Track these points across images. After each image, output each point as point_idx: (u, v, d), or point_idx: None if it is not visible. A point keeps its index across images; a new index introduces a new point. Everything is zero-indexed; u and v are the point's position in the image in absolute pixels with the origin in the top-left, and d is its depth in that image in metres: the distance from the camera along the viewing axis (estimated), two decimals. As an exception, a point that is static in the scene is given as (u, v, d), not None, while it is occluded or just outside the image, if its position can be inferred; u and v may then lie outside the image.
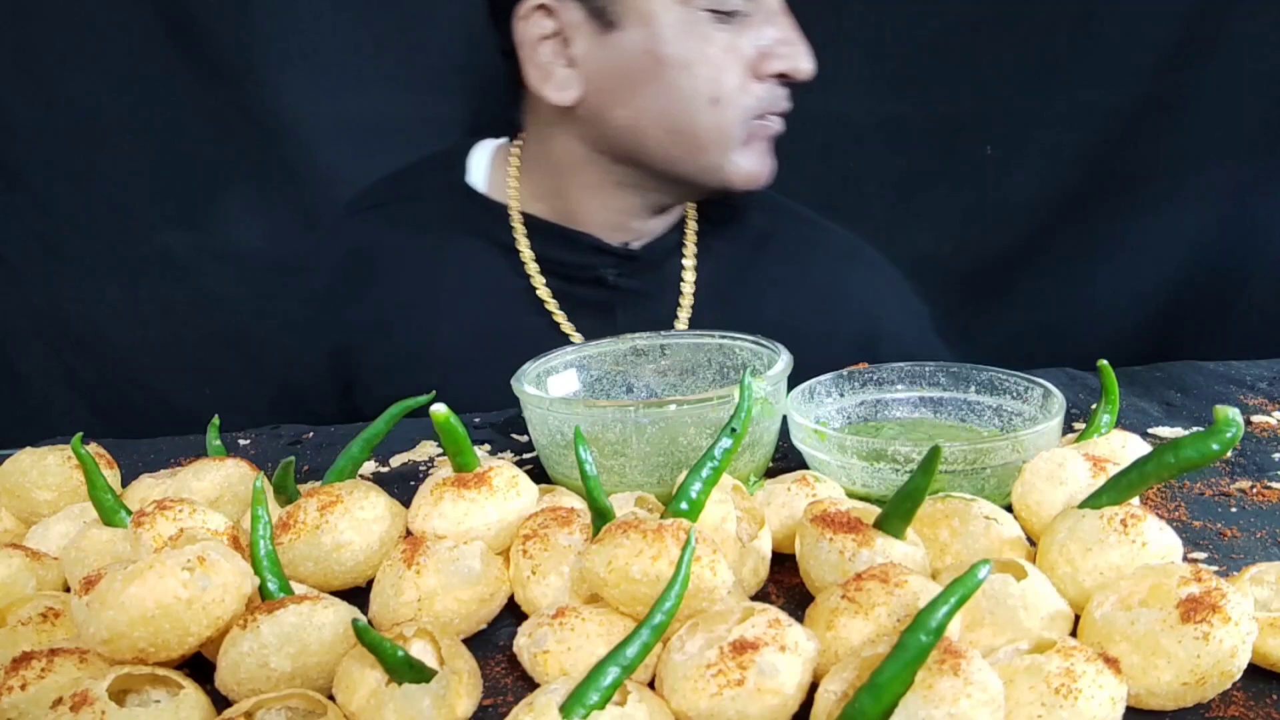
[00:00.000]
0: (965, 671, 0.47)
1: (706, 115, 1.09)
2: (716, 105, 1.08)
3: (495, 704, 0.56)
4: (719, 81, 1.08)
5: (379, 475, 0.90)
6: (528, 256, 1.19)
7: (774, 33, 1.09)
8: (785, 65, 1.09)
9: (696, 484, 0.62)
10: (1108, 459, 0.68)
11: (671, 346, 0.93)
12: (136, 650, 0.55)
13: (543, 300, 1.18)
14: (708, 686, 0.50)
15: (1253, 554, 0.66)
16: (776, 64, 1.09)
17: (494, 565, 0.64)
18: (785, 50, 1.09)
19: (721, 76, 1.08)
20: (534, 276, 1.19)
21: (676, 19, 1.06)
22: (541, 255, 1.19)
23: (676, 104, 1.09)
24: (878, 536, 0.60)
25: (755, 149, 1.13)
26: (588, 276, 1.19)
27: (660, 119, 1.11)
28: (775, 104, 1.12)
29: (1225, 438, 0.57)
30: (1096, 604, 0.55)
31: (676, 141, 1.12)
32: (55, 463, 0.80)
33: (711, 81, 1.08)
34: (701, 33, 1.07)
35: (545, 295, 1.19)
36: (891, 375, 0.88)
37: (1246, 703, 0.52)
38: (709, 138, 1.11)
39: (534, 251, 1.19)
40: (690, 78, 1.08)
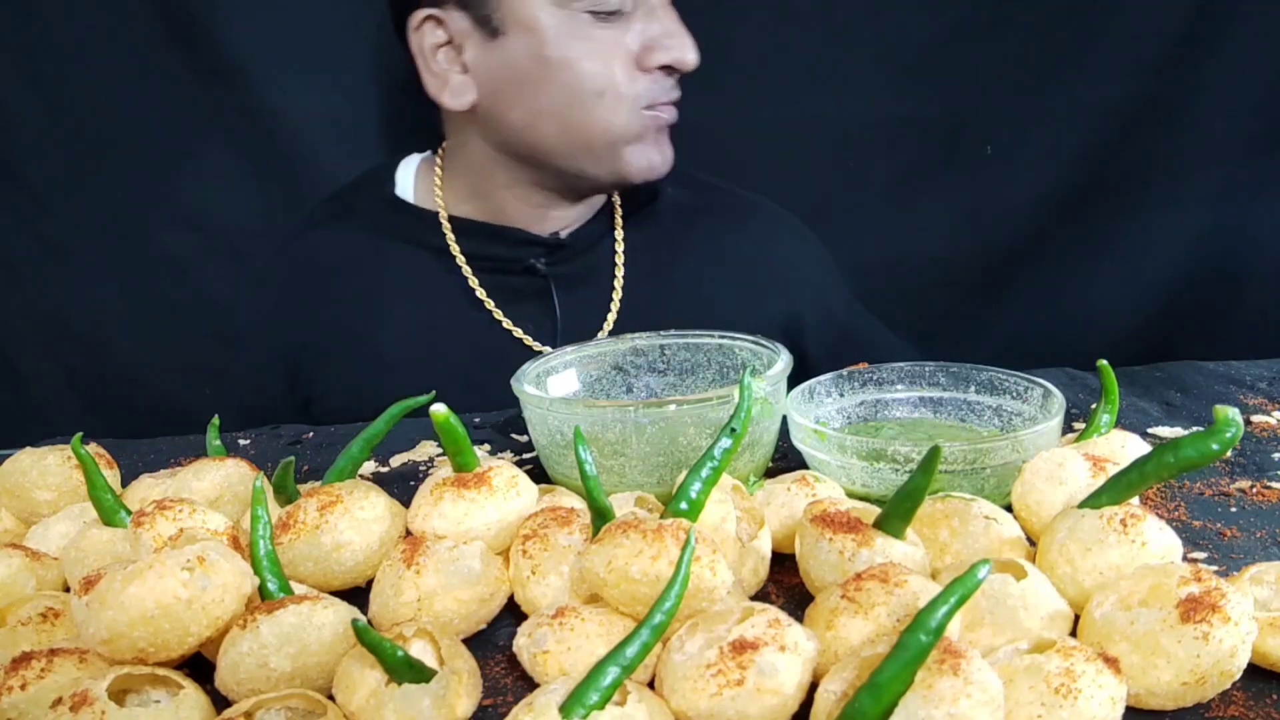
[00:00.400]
0: (965, 671, 0.47)
1: (595, 110, 1.13)
2: (603, 99, 1.13)
3: (495, 704, 0.56)
4: (604, 76, 1.12)
5: (379, 475, 0.90)
6: (461, 258, 1.23)
7: (657, 27, 1.13)
8: (669, 56, 1.13)
9: (696, 484, 0.62)
10: (1107, 459, 0.68)
11: (671, 346, 0.93)
12: (136, 650, 0.55)
13: (480, 298, 1.23)
14: (707, 686, 0.50)
15: (1252, 554, 0.66)
16: (661, 55, 1.13)
17: (494, 565, 0.64)
18: (669, 42, 1.13)
19: (606, 71, 1.12)
20: (469, 276, 1.23)
21: (558, 22, 1.11)
22: (472, 254, 1.24)
23: (566, 102, 1.13)
24: (877, 536, 0.60)
25: (649, 141, 1.17)
26: (520, 268, 1.22)
27: (553, 118, 1.15)
28: (664, 94, 1.16)
29: (1225, 438, 0.57)
30: (1096, 604, 0.55)
31: (570, 139, 1.16)
32: (55, 463, 0.80)
33: (597, 76, 1.12)
34: (583, 33, 1.11)
35: (481, 293, 1.23)
36: (891, 375, 0.88)
37: (1246, 702, 0.52)
38: (600, 131, 1.14)
39: (465, 252, 1.24)
40: (576, 75, 1.12)
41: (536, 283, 1.22)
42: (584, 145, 1.16)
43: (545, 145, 1.18)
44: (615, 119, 1.14)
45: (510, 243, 1.23)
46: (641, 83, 1.14)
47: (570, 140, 1.16)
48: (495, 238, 1.23)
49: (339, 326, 1.25)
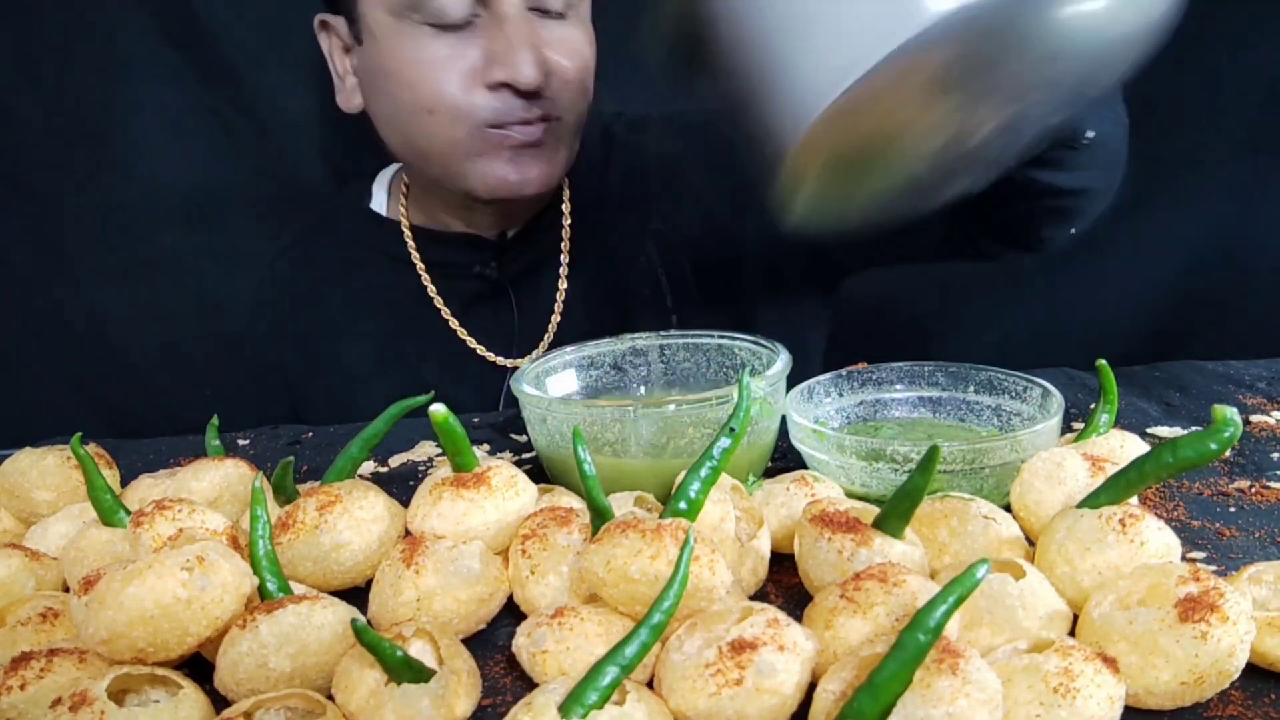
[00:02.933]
0: (963, 671, 0.47)
1: (425, 125, 1.09)
2: (434, 115, 1.08)
3: (494, 704, 0.56)
4: (434, 92, 1.07)
5: (378, 475, 0.90)
6: (421, 267, 1.25)
7: (501, 41, 1.06)
8: (504, 74, 1.06)
9: (695, 484, 0.62)
10: (1106, 459, 0.68)
11: (671, 346, 0.93)
12: (136, 650, 0.55)
13: (438, 306, 1.24)
14: (706, 686, 0.50)
15: (1251, 554, 0.66)
16: (497, 72, 1.06)
17: (493, 565, 0.64)
18: (506, 59, 1.05)
19: (437, 88, 1.06)
20: (428, 285, 1.24)
21: (394, 31, 1.07)
22: (431, 262, 1.25)
23: (399, 114, 1.11)
24: (876, 536, 0.60)
25: (497, 158, 1.11)
26: (471, 273, 1.22)
27: (392, 128, 1.14)
28: (511, 113, 1.08)
29: (1223, 437, 0.57)
30: (1095, 603, 0.55)
31: (411, 150, 1.14)
32: (55, 463, 0.80)
33: (427, 92, 1.07)
34: (418, 45, 1.06)
35: (439, 301, 1.24)
36: (890, 375, 0.88)
37: (1245, 702, 0.52)
38: (432, 147, 1.11)
39: (425, 260, 1.25)
40: (405, 88, 1.08)
41: (492, 285, 1.23)
42: (423, 158, 1.13)
43: (398, 155, 1.18)
44: (450, 133, 1.08)
45: (460, 247, 1.24)
46: (481, 99, 1.07)
47: (412, 151, 1.14)
48: (447, 244, 1.24)
49: (320, 339, 1.28)
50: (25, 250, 1.49)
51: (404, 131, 1.12)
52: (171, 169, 1.46)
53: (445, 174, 1.13)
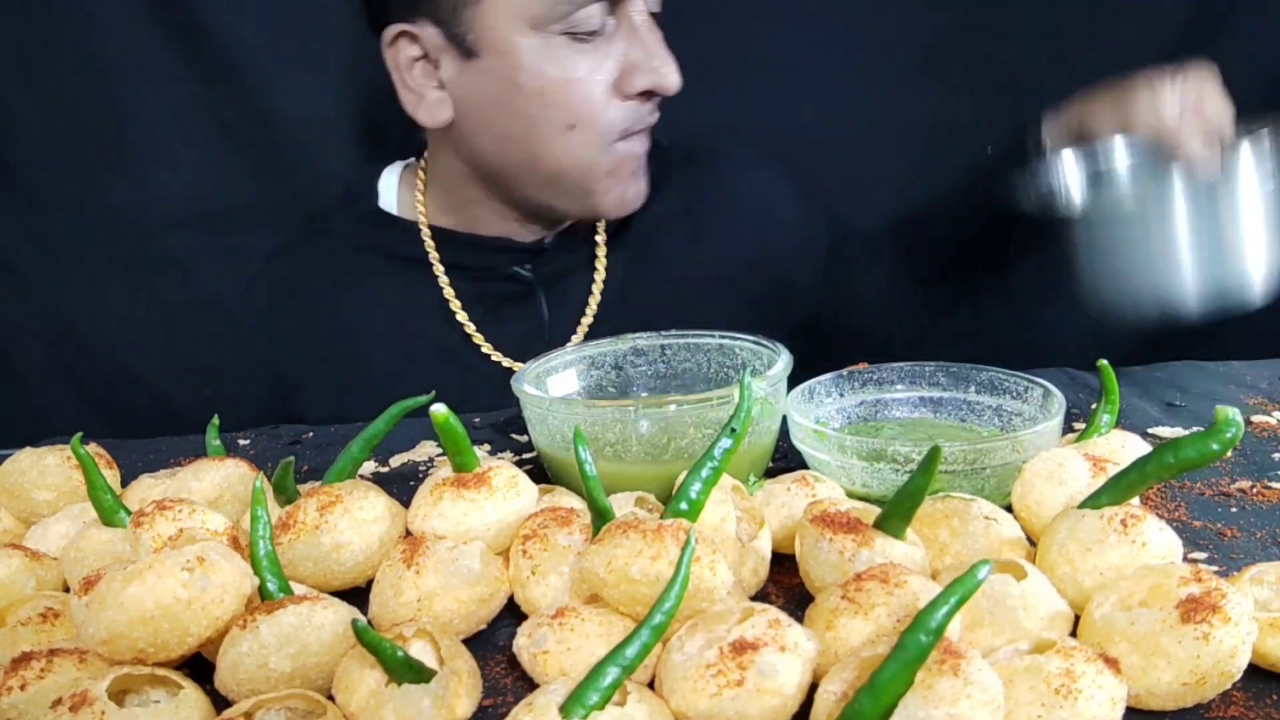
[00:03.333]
0: (965, 672, 0.47)
1: (564, 142, 1.07)
2: (574, 131, 1.06)
3: (495, 704, 0.56)
4: (577, 108, 1.05)
5: (379, 475, 0.90)
6: (439, 269, 1.21)
7: (639, 49, 1.05)
8: (650, 81, 1.05)
9: (696, 484, 0.62)
10: (1107, 459, 0.68)
11: (671, 347, 0.93)
12: (136, 650, 0.55)
13: (453, 309, 1.21)
14: (707, 687, 0.50)
15: (1253, 554, 0.66)
16: (641, 80, 1.05)
17: (493, 565, 0.64)
18: (651, 65, 1.05)
19: (580, 103, 1.05)
20: (445, 287, 1.21)
21: (532, 46, 1.03)
22: (453, 264, 1.21)
23: (535, 132, 1.07)
24: (877, 537, 0.60)
25: (623, 175, 1.11)
26: (502, 275, 1.20)
27: (521, 146, 1.09)
28: (640, 121, 1.09)
29: (1225, 438, 0.57)
30: (1096, 604, 0.55)
31: (538, 170, 1.10)
32: (55, 463, 0.80)
33: (568, 108, 1.05)
34: (559, 58, 1.04)
35: (455, 304, 1.21)
36: (891, 375, 0.88)
37: (1246, 703, 0.52)
38: (568, 165, 1.08)
39: (446, 262, 1.21)
40: (546, 105, 1.05)
41: (520, 288, 1.21)
42: (550, 179, 1.10)
43: (511, 174, 1.13)
44: (585, 154, 1.07)
45: (492, 251, 1.21)
46: (617, 111, 1.07)
47: (539, 171, 1.10)
48: (476, 247, 1.21)
49: (321, 344, 1.25)
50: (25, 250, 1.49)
51: (535, 151, 1.08)
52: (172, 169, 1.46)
53: (569, 195, 1.11)
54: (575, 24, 1.02)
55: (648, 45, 1.05)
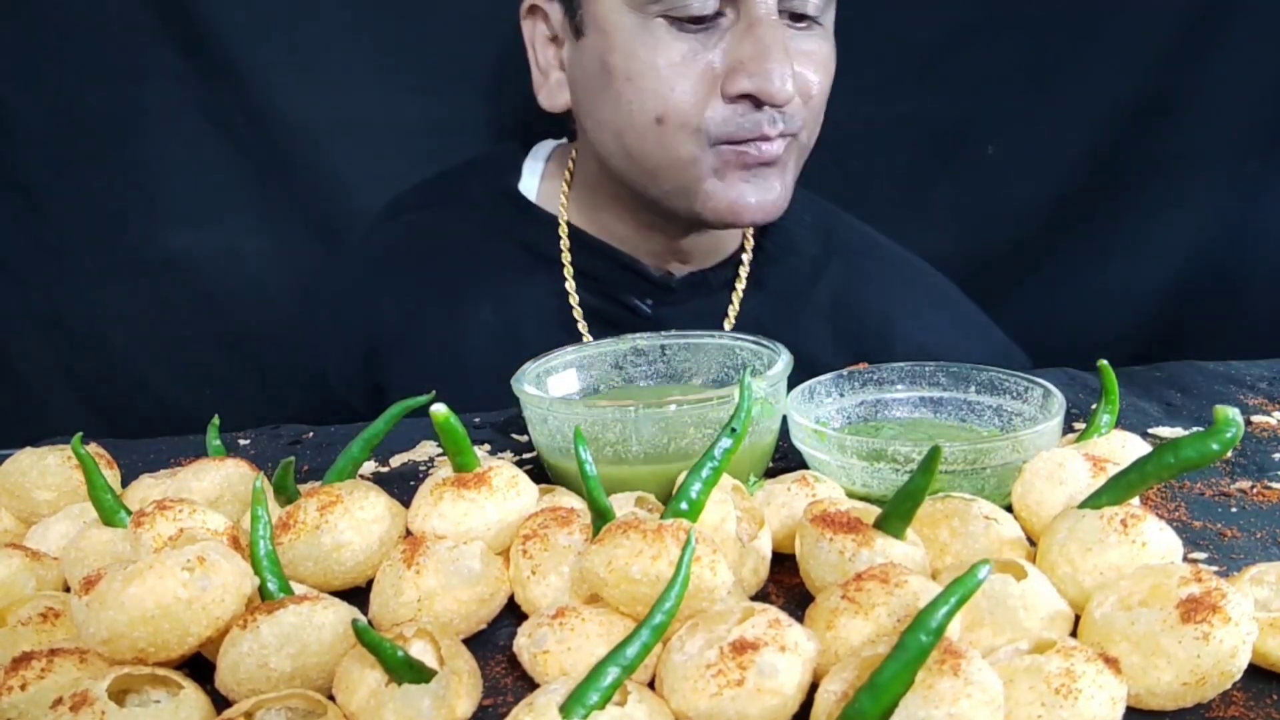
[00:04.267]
0: (965, 672, 0.47)
1: (653, 135, 0.98)
2: (663, 125, 0.97)
3: (495, 704, 0.56)
4: (666, 98, 0.96)
5: (379, 475, 0.90)
6: (569, 272, 1.12)
7: (749, 45, 0.95)
8: (752, 84, 0.94)
9: (696, 484, 0.62)
10: (1107, 459, 0.68)
11: (671, 347, 0.93)
12: (136, 650, 0.55)
13: (576, 320, 1.13)
14: (708, 687, 0.50)
15: (1253, 554, 0.66)
16: (743, 82, 0.95)
17: (494, 565, 0.64)
18: (754, 67, 0.94)
19: (670, 93, 0.96)
20: (571, 294, 1.12)
21: (629, 26, 0.96)
22: (582, 271, 1.13)
23: (625, 120, 0.99)
24: (878, 536, 0.60)
25: (734, 179, 1.00)
26: (624, 302, 1.12)
27: (615, 136, 1.02)
28: (752, 128, 0.97)
29: (1225, 438, 0.57)
30: (1096, 604, 0.55)
31: (633, 163, 1.02)
32: (55, 463, 0.79)
33: (658, 97, 0.96)
34: (655, 42, 0.95)
35: (579, 315, 1.12)
36: (891, 375, 0.88)
37: (1246, 703, 0.52)
38: (660, 161, 1.00)
39: (575, 268, 1.12)
40: (636, 92, 0.97)
41: (639, 322, 1.12)
42: (647, 173, 1.01)
43: (613, 165, 1.04)
44: (677, 151, 0.98)
45: (621, 269, 1.12)
46: (715, 111, 0.96)
47: (633, 164, 1.02)
48: (609, 261, 1.12)
49: (423, 316, 1.16)
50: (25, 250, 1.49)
51: (627, 142, 1.00)
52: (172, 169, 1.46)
53: (671, 193, 1.02)
54: (676, 6, 0.94)
55: (762, 43, 0.94)
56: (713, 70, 0.96)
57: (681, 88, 0.96)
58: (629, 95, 0.98)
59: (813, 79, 1.00)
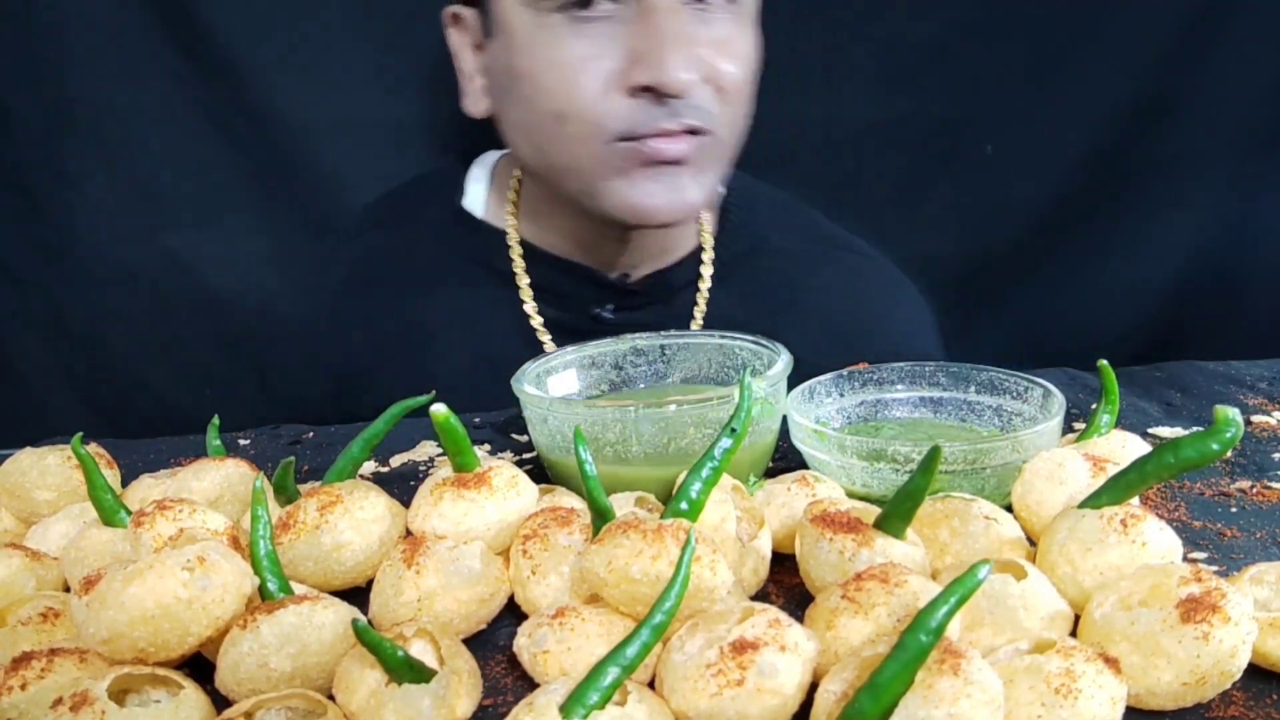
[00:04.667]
0: (965, 671, 0.47)
1: (556, 133, 0.95)
2: (564, 123, 0.94)
3: (495, 704, 0.56)
4: (566, 95, 0.93)
5: (379, 475, 0.90)
6: (526, 293, 1.11)
7: (646, 37, 0.91)
8: (647, 76, 0.91)
9: (696, 484, 0.62)
10: (1107, 459, 0.68)
11: (671, 347, 0.93)
12: (136, 650, 0.55)
13: (538, 334, 1.12)
14: (708, 686, 0.50)
15: (1253, 554, 0.66)
16: (640, 74, 0.92)
17: (494, 565, 0.64)
18: (650, 58, 0.91)
19: (570, 89, 0.93)
20: (530, 311, 1.11)
21: (528, 23, 0.94)
22: (539, 285, 1.12)
23: (531, 120, 0.97)
24: (878, 536, 0.60)
25: (639, 178, 0.96)
26: (583, 312, 1.11)
27: (525, 136, 1.00)
28: (649, 124, 0.93)
29: (1225, 438, 0.57)
30: (1096, 604, 0.55)
31: (543, 162, 1.00)
32: (55, 463, 0.79)
33: (557, 95, 0.94)
34: (553, 39, 0.93)
35: (541, 330, 1.12)
36: (891, 375, 0.88)
37: (1246, 703, 0.52)
38: (565, 160, 0.97)
39: (531, 283, 1.11)
40: (537, 90, 0.95)
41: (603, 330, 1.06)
42: (557, 173, 1.00)
43: (530, 166, 1.03)
44: (581, 146, 0.95)
45: (577, 280, 1.10)
46: (619, 107, 0.93)
47: (543, 165, 1.00)
48: (564, 272, 1.10)
49: (389, 340, 1.15)
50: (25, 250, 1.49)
51: (536, 141, 0.99)
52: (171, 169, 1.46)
53: (580, 193, 1.00)
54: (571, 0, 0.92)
55: (657, 32, 0.91)
56: (612, 64, 0.93)
57: (581, 83, 0.93)
58: (531, 94, 0.96)
59: (724, 68, 0.96)
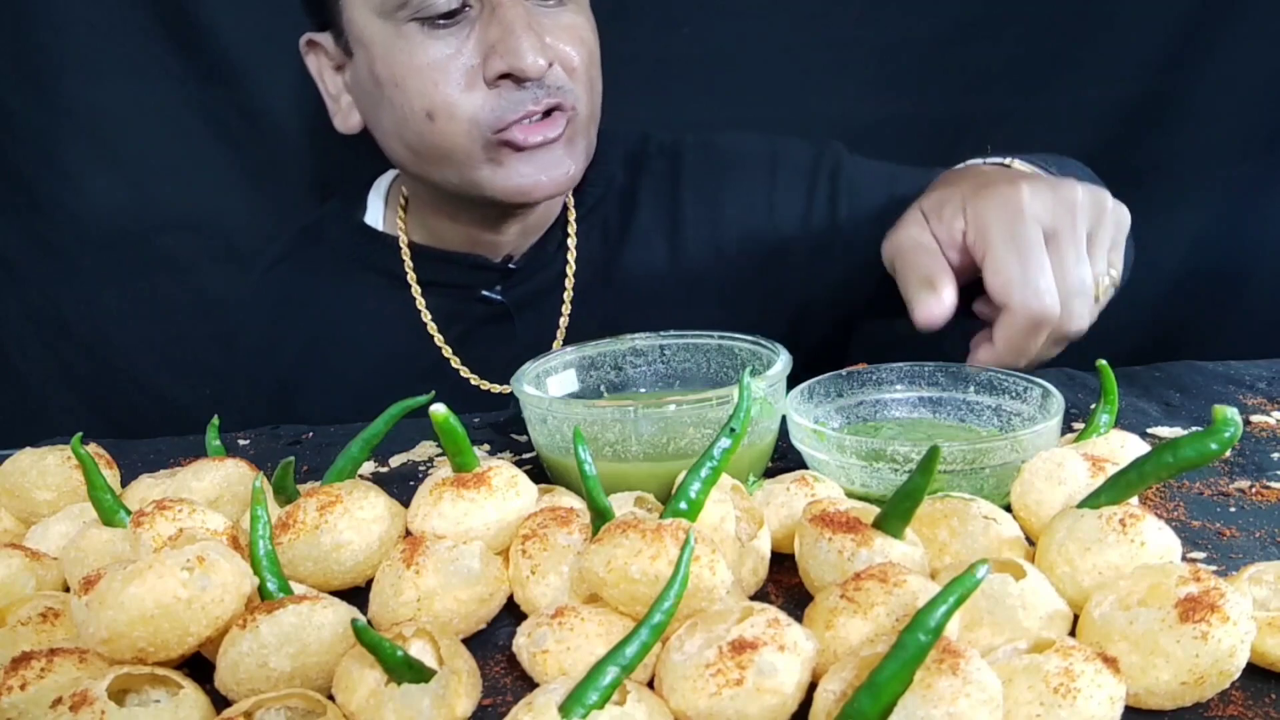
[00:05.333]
0: (964, 671, 0.47)
1: (428, 131, 1.03)
2: (434, 121, 1.02)
3: (495, 704, 0.56)
4: (431, 95, 1.01)
5: (378, 475, 0.90)
6: (416, 289, 1.20)
7: (497, 29, 0.99)
8: (504, 64, 0.99)
9: (695, 484, 0.62)
10: (1106, 459, 0.68)
11: (670, 347, 0.93)
12: (136, 650, 0.55)
13: (430, 331, 1.20)
14: (707, 686, 0.50)
15: (1251, 554, 0.66)
16: (497, 64, 0.99)
17: (493, 565, 0.64)
18: (503, 47, 0.98)
19: (435, 90, 1.01)
20: (423, 310, 1.19)
21: (385, 35, 1.01)
22: (430, 282, 1.20)
23: (401, 123, 1.05)
24: (877, 536, 0.60)
25: (514, 163, 1.04)
26: (475, 297, 1.18)
27: (398, 139, 1.07)
28: (515, 109, 1.01)
29: (1224, 437, 0.57)
30: (1095, 603, 0.55)
31: (418, 160, 1.08)
32: (55, 463, 0.80)
33: (424, 96, 1.01)
34: (410, 45, 1.01)
35: (432, 327, 1.20)
36: (890, 375, 0.88)
37: (1245, 702, 0.52)
38: (440, 154, 1.05)
39: (423, 280, 1.20)
40: (403, 95, 1.02)
41: (494, 310, 1.19)
42: (435, 166, 1.07)
43: (406, 167, 1.11)
44: (453, 143, 1.03)
45: (463, 269, 1.18)
46: (482, 100, 1.01)
47: (420, 161, 1.08)
48: (449, 264, 1.19)
49: (313, 354, 1.24)
50: (25, 250, 1.49)
51: (410, 143, 1.06)
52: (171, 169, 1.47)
53: (462, 183, 1.07)
54: (422, 8, 0.99)
55: (507, 23, 0.99)
56: (470, 60, 1.01)
57: (444, 83, 1.01)
58: (398, 99, 1.03)
59: (571, 51, 1.04)
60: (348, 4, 1.04)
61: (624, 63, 1.20)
